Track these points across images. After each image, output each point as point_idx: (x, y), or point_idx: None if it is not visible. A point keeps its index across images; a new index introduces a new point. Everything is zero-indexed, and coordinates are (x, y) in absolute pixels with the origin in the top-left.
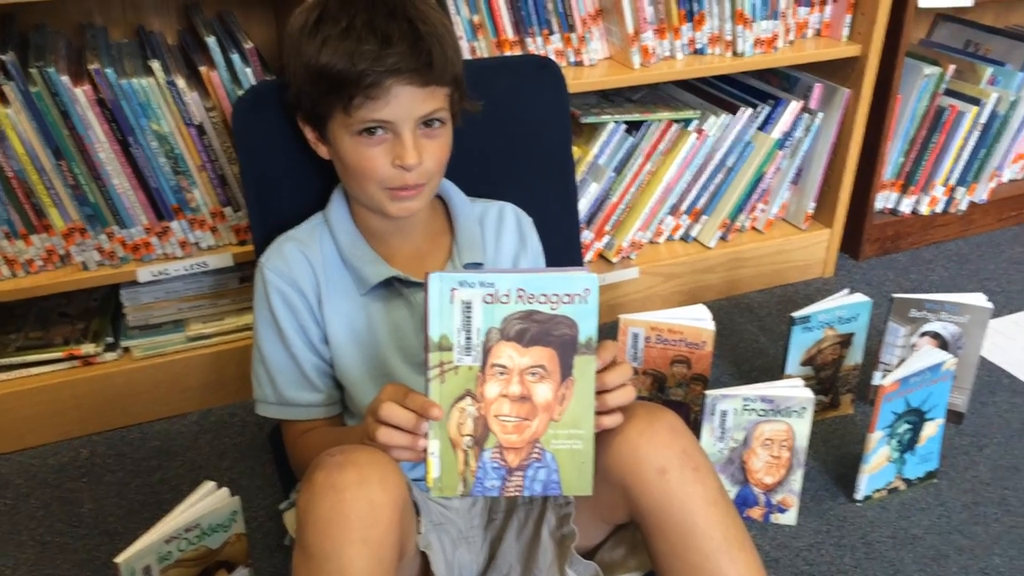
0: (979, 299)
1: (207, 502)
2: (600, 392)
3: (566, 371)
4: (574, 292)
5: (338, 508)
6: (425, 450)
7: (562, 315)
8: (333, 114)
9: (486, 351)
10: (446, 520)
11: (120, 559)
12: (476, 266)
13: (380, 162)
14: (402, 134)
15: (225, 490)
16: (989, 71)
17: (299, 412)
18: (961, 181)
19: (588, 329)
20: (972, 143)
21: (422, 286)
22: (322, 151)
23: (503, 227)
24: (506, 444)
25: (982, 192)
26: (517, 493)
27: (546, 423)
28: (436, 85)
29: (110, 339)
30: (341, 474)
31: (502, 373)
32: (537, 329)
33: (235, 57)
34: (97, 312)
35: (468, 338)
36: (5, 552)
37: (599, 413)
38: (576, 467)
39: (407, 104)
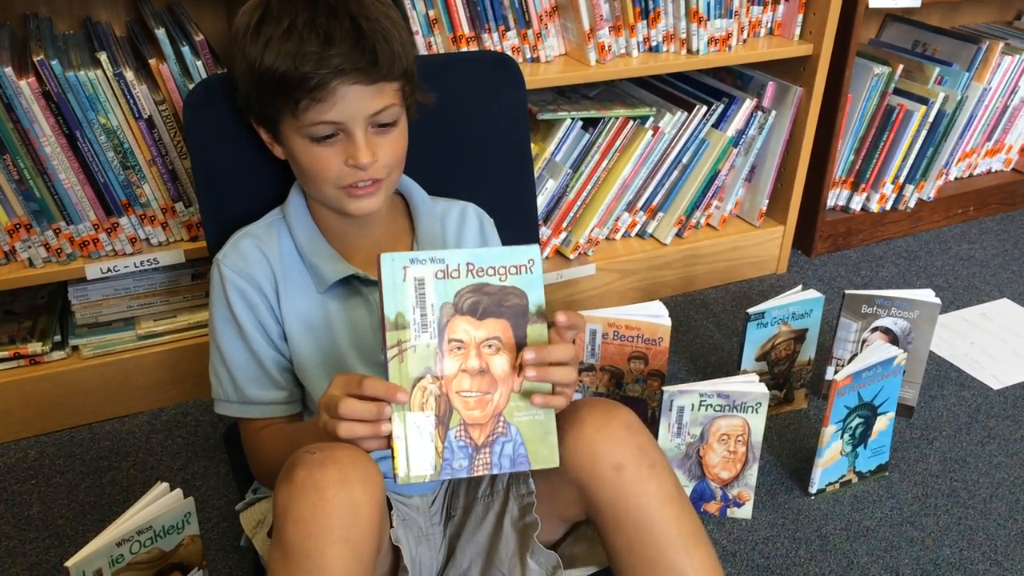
0: (928, 295)
1: (160, 503)
2: (543, 365)
3: (520, 341)
4: (520, 263)
5: (320, 506)
6: (390, 436)
7: (511, 286)
8: (283, 117)
9: (442, 327)
10: (408, 518)
11: (71, 563)
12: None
13: (333, 162)
14: (353, 133)
15: (178, 491)
16: (936, 71)
17: (261, 410)
18: (909, 179)
19: (536, 298)
20: (920, 141)
21: None
22: (277, 151)
23: (465, 227)
24: (470, 420)
25: (930, 190)
26: (486, 471)
27: (507, 395)
28: (384, 81)
29: (58, 338)
30: (323, 472)
31: (459, 348)
32: (489, 301)
33: (185, 49)
34: (44, 310)
35: (423, 315)
36: None
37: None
38: (540, 438)
39: (355, 103)
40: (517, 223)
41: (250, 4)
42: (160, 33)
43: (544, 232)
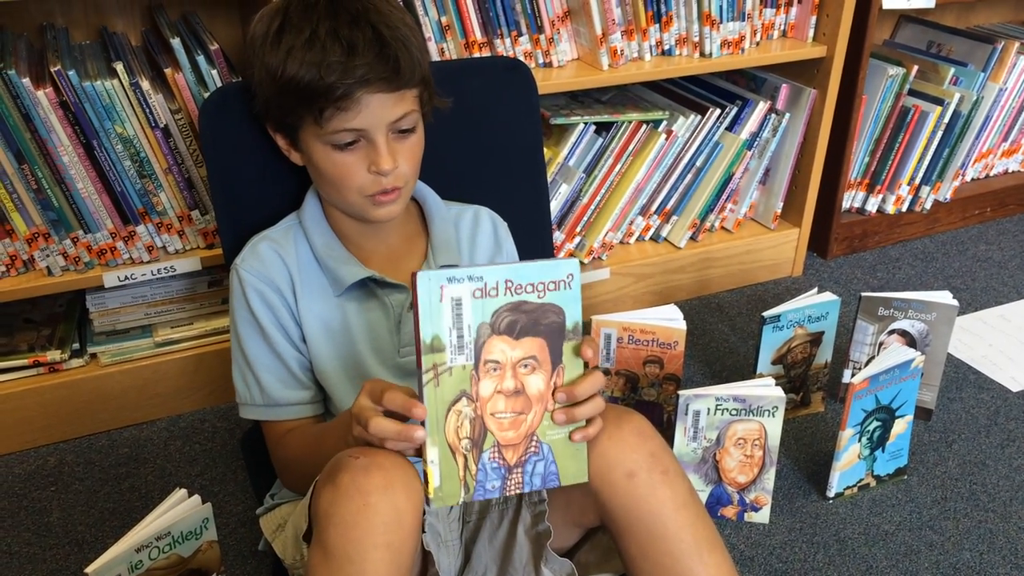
0: (945, 297)
1: (178, 509)
2: (571, 405)
3: (556, 359)
4: (559, 278)
5: (363, 512)
6: (423, 457)
7: (549, 303)
8: (304, 124)
9: (478, 348)
10: (429, 524)
11: (91, 569)
12: (452, 268)
13: (356, 169)
14: (376, 140)
15: (196, 497)
16: (951, 71)
17: (287, 412)
18: (925, 180)
19: (574, 315)
20: (936, 143)
21: (397, 287)
22: (295, 158)
23: (478, 230)
24: (504, 442)
25: (946, 191)
26: (518, 491)
27: (541, 415)
28: (405, 89)
29: (76, 345)
30: (367, 477)
31: (495, 369)
32: (527, 320)
33: (200, 58)
34: (63, 318)
35: (460, 336)
36: None
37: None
38: (572, 455)
39: (378, 111)
40: (531, 228)
41: (267, 11)
42: (175, 43)
43: (558, 236)
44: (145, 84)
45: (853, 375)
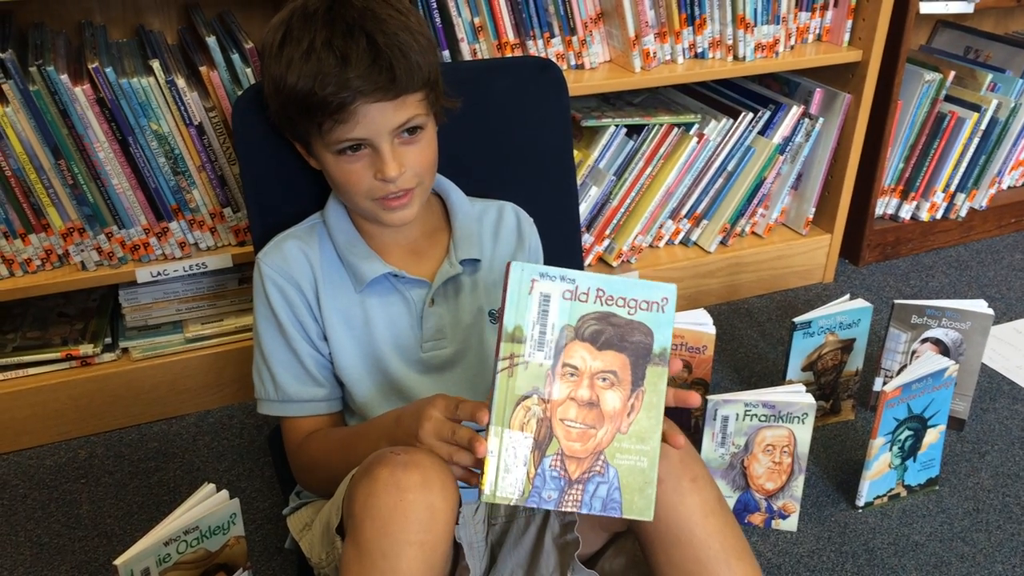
0: (980, 306)
1: (206, 504)
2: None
3: (637, 381)
4: (652, 299)
5: (400, 508)
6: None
7: (638, 321)
8: (311, 134)
9: (559, 349)
10: (462, 519)
11: (119, 561)
12: (473, 262)
13: (363, 176)
14: (380, 148)
15: (224, 492)
16: (989, 77)
17: (301, 408)
18: (961, 187)
19: (663, 339)
20: (972, 149)
21: (418, 282)
22: (312, 163)
23: (502, 225)
24: (568, 452)
25: (982, 199)
26: (574, 509)
27: (612, 434)
28: (405, 95)
29: (108, 340)
30: (406, 474)
31: (572, 375)
32: (612, 333)
33: (235, 57)
34: (95, 312)
35: (542, 333)
36: (2, 553)
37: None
38: (639, 487)
39: (378, 120)
40: (559, 230)
41: (274, 23)
42: (211, 41)
43: (587, 239)
44: (180, 82)
45: (885, 383)
